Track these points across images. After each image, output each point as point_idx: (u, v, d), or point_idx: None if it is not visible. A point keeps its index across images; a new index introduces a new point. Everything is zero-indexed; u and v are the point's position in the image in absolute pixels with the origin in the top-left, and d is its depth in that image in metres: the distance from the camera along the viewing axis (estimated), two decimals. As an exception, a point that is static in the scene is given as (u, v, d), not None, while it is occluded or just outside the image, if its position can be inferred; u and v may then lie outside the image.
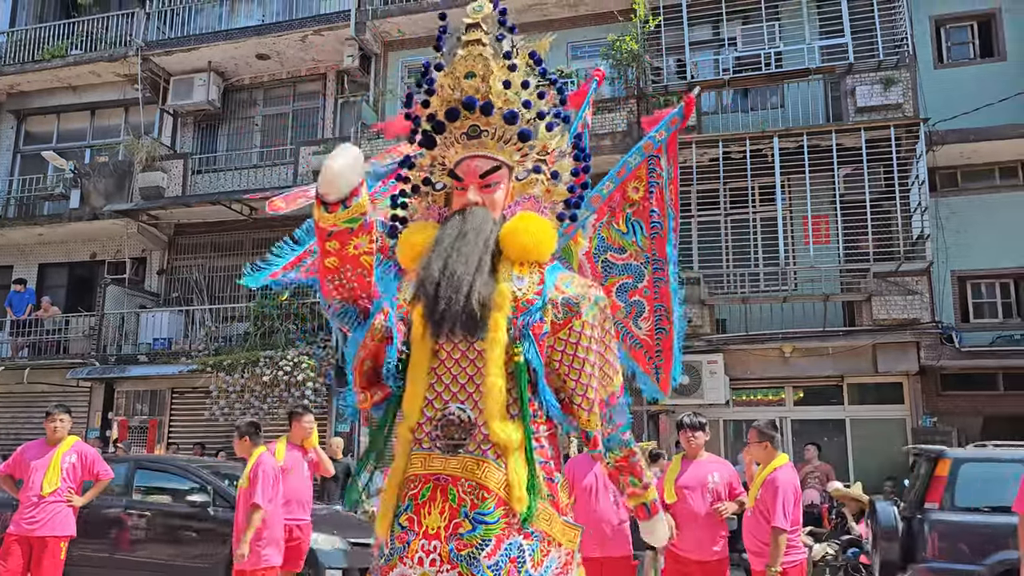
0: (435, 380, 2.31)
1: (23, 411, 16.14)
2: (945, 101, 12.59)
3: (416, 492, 2.26)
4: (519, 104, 2.47)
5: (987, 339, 12.29)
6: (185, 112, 17.26)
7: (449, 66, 2.49)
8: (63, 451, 6.36)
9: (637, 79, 13.63)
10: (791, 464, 5.23)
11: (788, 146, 12.41)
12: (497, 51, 2.48)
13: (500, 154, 2.47)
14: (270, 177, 16.21)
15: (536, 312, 2.32)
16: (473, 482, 2.22)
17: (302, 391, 13.62)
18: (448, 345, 2.30)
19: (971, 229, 12.64)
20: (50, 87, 18.16)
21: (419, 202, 2.61)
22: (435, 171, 2.55)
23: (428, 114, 2.53)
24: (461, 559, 2.16)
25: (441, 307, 2.21)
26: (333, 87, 16.71)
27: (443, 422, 2.26)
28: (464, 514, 2.20)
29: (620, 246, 3.01)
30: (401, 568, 2.22)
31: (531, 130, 2.48)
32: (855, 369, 12.46)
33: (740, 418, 12.95)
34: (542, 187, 2.54)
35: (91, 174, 16.71)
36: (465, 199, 2.42)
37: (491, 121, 2.44)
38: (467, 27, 2.49)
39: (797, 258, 12.61)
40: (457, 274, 2.23)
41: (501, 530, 2.20)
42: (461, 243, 2.29)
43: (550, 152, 2.55)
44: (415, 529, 2.23)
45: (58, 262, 17.90)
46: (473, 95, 2.43)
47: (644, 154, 2.99)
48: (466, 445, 2.25)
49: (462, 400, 2.28)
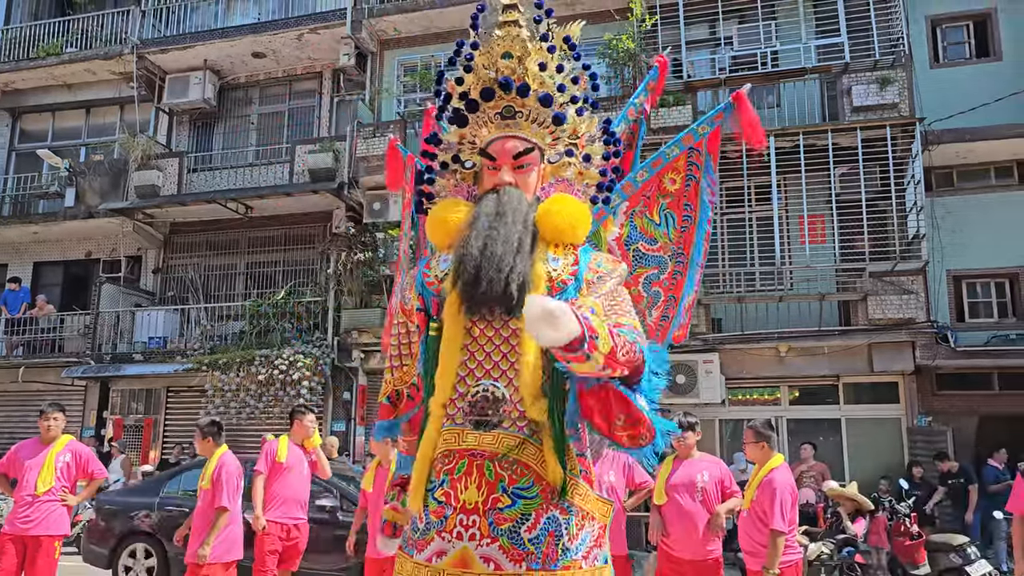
0: (467, 357, 2.31)
1: (18, 410, 16.11)
2: (941, 101, 12.60)
3: (452, 467, 2.26)
4: (554, 87, 2.48)
5: (982, 339, 12.31)
6: (181, 110, 17.23)
7: (486, 45, 2.49)
8: (57, 450, 6.33)
9: (634, 78, 13.62)
10: (787, 464, 5.22)
11: (784, 145, 12.41)
12: (534, 33, 2.49)
13: (534, 136, 2.48)
14: (266, 176, 16.19)
15: (571, 292, 2.33)
16: (510, 458, 2.23)
17: (298, 390, 13.61)
18: (482, 323, 2.31)
19: (967, 229, 12.66)
20: (45, 85, 18.11)
21: (447, 179, 2.60)
22: (464, 149, 2.55)
23: (461, 92, 2.52)
24: (502, 533, 2.18)
25: (482, 287, 2.21)
26: (329, 85, 16.69)
27: (477, 398, 2.26)
28: (502, 489, 2.21)
29: (652, 236, 3.01)
30: (439, 542, 2.23)
31: (564, 113, 2.49)
32: (851, 368, 12.47)
33: (736, 417, 12.97)
34: (575, 170, 2.55)
35: (86, 172, 16.67)
36: (498, 179, 2.42)
37: (526, 103, 2.46)
38: (504, 8, 2.51)
39: (793, 257, 12.62)
40: (498, 255, 2.24)
41: (540, 505, 2.22)
42: (500, 223, 2.29)
43: (580, 136, 2.55)
44: (452, 504, 2.24)
45: (53, 260, 17.86)
46: (510, 76, 2.44)
47: (684, 146, 2.96)
48: (501, 422, 2.26)
49: (495, 377, 2.28)
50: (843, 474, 11.97)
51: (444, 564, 2.21)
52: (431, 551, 2.25)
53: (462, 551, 2.20)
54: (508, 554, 2.17)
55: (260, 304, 14.81)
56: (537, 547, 2.19)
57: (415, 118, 14.70)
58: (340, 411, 14.05)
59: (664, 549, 5.31)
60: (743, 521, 5.15)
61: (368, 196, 14.64)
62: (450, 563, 2.20)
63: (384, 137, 14.52)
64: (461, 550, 2.20)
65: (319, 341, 14.34)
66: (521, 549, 2.18)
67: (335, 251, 14.52)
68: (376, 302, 14.38)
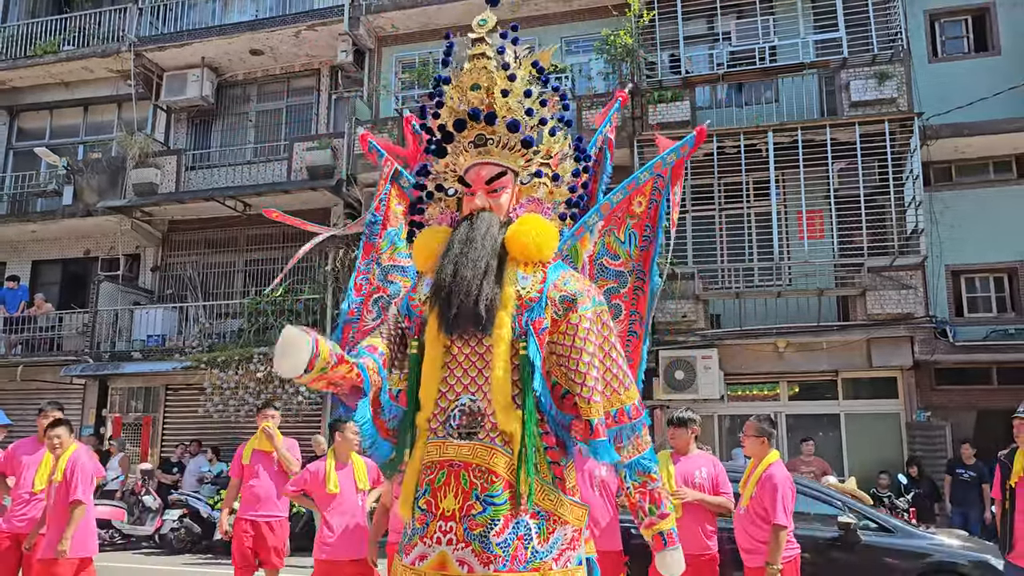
0: (447, 374, 2.50)
1: (17, 408, 16.01)
2: (939, 95, 12.59)
3: (433, 477, 2.44)
4: (522, 113, 2.62)
5: (981, 333, 12.31)
6: (178, 108, 17.21)
7: (456, 78, 2.65)
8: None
9: (632, 74, 13.60)
10: (781, 461, 5.21)
11: (782, 141, 12.41)
12: (500, 62, 2.63)
13: (505, 160, 2.64)
14: (264, 173, 16.17)
15: (537, 309, 2.48)
16: (483, 467, 2.39)
17: (296, 387, 13.59)
18: (459, 342, 2.49)
19: (965, 223, 12.66)
20: (42, 83, 18.09)
21: (434, 207, 2.79)
22: (447, 178, 2.73)
23: (438, 125, 2.69)
24: (474, 538, 2.34)
25: (453, 310, 2.41)
26: (327, 82, 16.68)
27: (457, 411, 2.45)
28: (475, 496, 2.38)
29: (616, 253, 3.18)
30: (422, 547, 2.41)
31: (534, 136, 2.64)
32: (849, 364, 12.47)
33: (734, 413, 12.97)
34: (545, 189, 2.70)
35: (84, 170, 16.67)
36: (473, 203, 2.60)
37: (496, 130, 2.61)
38: (473, 41, 2.64)
39: (791, 253, 12.61)
40: (467, 279, 2.42)
41: (509, 511, 2.37)
42: (469, 249, 2.47)
43: (553, 156, 2.71)
44: (432, 511, 2.42)
45: (52, 259, 17.85)
46: (478, 106, 2.60)
47: (653, 172, 3.14)
48: (476, 433, 2.43)
49: (472, 392, 2.47)
50: (842, 469, 11.97)
51: (425, 567, 2.39)
52: (415, 555, 2.43)
53: (440, 555, 2.37)
54: (479, 557, 2.33)
55: (259, 302, 14.80)
56: (505, 550, 2.34)
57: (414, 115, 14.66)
58: (339, 408, 14.04)
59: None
60: (741, 519, 5.11)
61: (366, 193, 14.63)
62: (430, 566, 2.38)
63: (382, 134, 14.51)
64: (440, 554, 2.37)
65: (318, 339, 14.32)
66: (490, 552, 2.33)
67: (333, 249, 14.50)
68: (375, 299, 14.36)
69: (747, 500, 5.02)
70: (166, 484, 13.42)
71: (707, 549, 5.20)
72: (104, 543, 12.29)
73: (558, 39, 14.85)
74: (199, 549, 12.00)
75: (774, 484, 4.86)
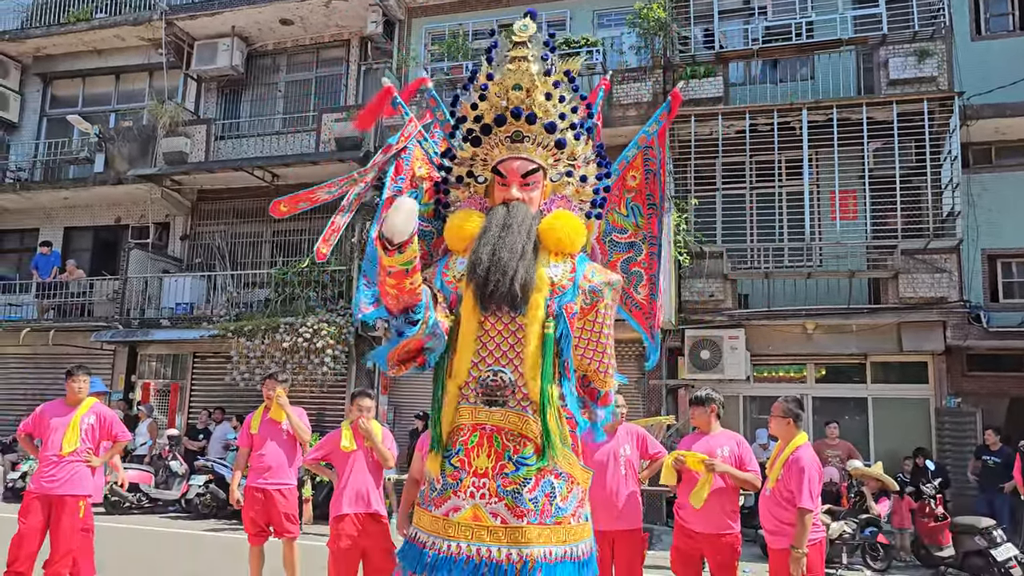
0: (480, 347, 2.78)
1: (49, 373, 16.38)
2: (981, 75, 12.25)
3: (466, 439, 2.75)
4: (557, 116, 2.94)
5: (1016, 319, 12.05)
6: (209, 77, 17.24)
7: (498, 77, 2.94)
8: (82, 412, 6.41)
9: (664, 48, 13.39)
10: (810, 443, 5.13)
11: (817, 119, 12.16)
12: (541, 68, 2.94)
13: (539, 157, 2.95)
14: (292, 144, 16.19)
15: (570, 295, 2.82)
16: (515, 431, 2.73)
17: (321, 358, 13.67)
18: (492, 318, 2.77)
19: (1003, 207, 12.36)
20: (75, 51, 18.22)
21: (461, 191, 3.07)
22: (476, 165, 3.02)
23: (475, 116, 2.98)
24: (507, 493, 2.68)
25: (490, 288, 2.69)
26: (356, 53, 16.60)
27: (488, 381, 2.73)
28: (508, 457, 2.71)
29: (622, 227, 3.44)
30: (455, 500, 2.72)
31: (565, 138, 2.97)
32: (879, 347, 12.28)
33: (760, 394, 12.85)
34: (572, 188, 3.04)
35: (115, 138, 16.77)
36: (507, 193, 2.90)
37: (533, 129, 2.92)
38: (514, 44, 2.95)
39: (823, 233, 12.41)
40: (504, 260, 2.70)
41: (538, 471, 2.72)
42: (506, 233, 2.75)
43: (577, 158, 3.03)
44: (466, 468, 2.73)
45: (83, 226, 18.06)
46: (520, 105, 2.90)
47: (640, 146, 3.40)
48: (507, 401, 2.74)
49: (503, 364, 2.76)
50: (868, 454, 11.84)
51: (459, 518, 2.70)
52: (447, 507, 2.73)
53: (473, 507, 2.69)
54: (512, 511, 2.67)
55: (285, 272, 14.87)
56: (535, 505, 2.69)
57: (443, 87, 14.56)
58: (363, 380, 14.10)
59: (680, 524, 5.27)
60: (766, 500, 5.05)
61: (394, 165, 14.58)
62: (464, 517, 2.69)
63: (411, 106, 14.43)
64: (473, 507, 2.69)
65: (343, 310, 14.38)
66: (522, 507, 2.68)
67: (360, 220, 14.49)
68: (400, 272, 14.36)
69: (773, 482, 4.96)
70: (192, 450, 13.61)
71: (730, 528, 5.17)
72: (132, 506, 12.56)
73: (590, 12, 14.65)
74: (224, 514, 12.16)
75: (801, 467, 4.80)
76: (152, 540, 10.23)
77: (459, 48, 14.26)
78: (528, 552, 2.63)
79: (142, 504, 12.73)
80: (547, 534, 2.68)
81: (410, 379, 14.11)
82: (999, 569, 8.76)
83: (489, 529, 2.65)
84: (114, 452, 6.81)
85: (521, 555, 2.63)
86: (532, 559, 2.63)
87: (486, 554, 2.63)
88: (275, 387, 6.71)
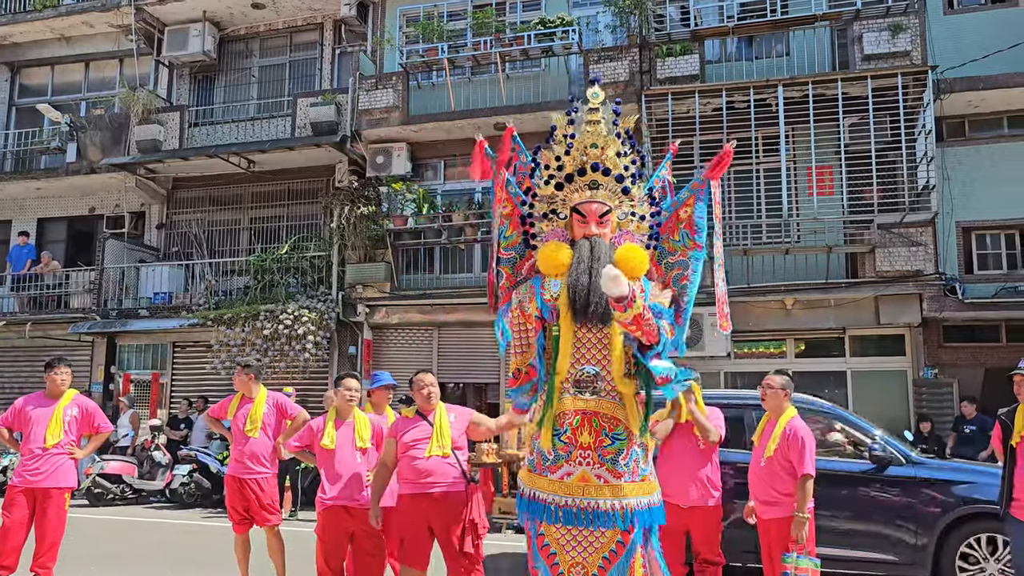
0: (575, 350, 3.58)
1: (27, 366, 16.22)
2: (955, 48, 12.34)
3: (571, 420, 3.55)
4: (623, 168, 3.71)
5: (990, 291, 12.22)
6: (181, 64, 17.01)
7: (579, 136, 3.72)
8: (64, 404, 6.37)
9: (640, 27, 13.36)
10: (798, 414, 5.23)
11: (793, 95, 12.21)
12: (611, 130, 3.74)
13: (610, 201, 3.70)
14: (268, 129, 16.03)
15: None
16: (608, 415, 3.54)
17: (303, 344, 13.64)
18: (583, 328, 3.56)
19: (977, 180, 12.50)
20: (43, 38, 17.91)
21: (545, 225, 3.82)
22: (558, 205, 3.78)
23: (558, 165, 3.74)
24: (606, 461, 3.52)
25: (591, 308, 3.45)
26: (331, 37, 16.44)
27: (582, 376, 3.55)
28: (605, 434, 3.53)
29: (673, 250, 4.05)
30: (568, 467, 3.54)
31: (629, 187, 3.72)
32: (857, 321, 12.43)
33: (741, 370, 12.97)
34: (634, 225, 3.79)
35: (87, 127, 16.54)
36: (587, 229, 3.64)
37: (606, 179, 3.70)
38: (590, 110, 3.73)
39: (800, 209, 12.48)
40: (600, 287, 3.32)
41: (627, 443, 3.55)
42: (598, 264, 3.45)
43: (634, 200, 3.78)
44: (573, 444, 3.54)
45: (57, 216, 17.83)
46: (597, 161, 3.68)
47: (692, 191, 4.01)
48: (599, 392, 3.54)
49: (593, 363, 3.57)
50: (848, 426, 11.98)
51: (572, 481, 3.53)
52: (561, 473, 3.55)
53: (582, 473, 3.52)
54: (611, 473, 3.52)
55: (264, 259, 14.78)
56: (628, 468, 3.55)
57: (417, 69, 14.48)
58: (346, 365, 14.08)
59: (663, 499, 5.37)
60: (761, 471, 5.09)
61: (371, 150, 14.50)
62: (576, 480, 3.52)
63: (386, 89, 14.34)
64: (581, 472, 3.52)
65: (323, 296, 14.34)
66: (619, 470, 3.53)
67: (338, 205, 14.43)
68: (380, 256, 14.34)
69: (771, 452, 5.01)
70: (175, 440, 13.54)
71: (710, 498, 5.33)
72: (116, 497, 12.51)
73: (565, -9, 14.57)
74: (209, 503, 12.16)
75: (800, 436, 4.96)
76: (139, 530, 10.19)
77: (434, 30, 14.14)
78: (626, 502, 3.50)
79: (126, 495, 12.69)
80: (636, 489, 3.54)
81: (393, 364, 14.11)
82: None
83: (596, 487, 3.49)
84: (97, 444, 6.77)
85: (621, 504, 3.49)
86: (629, 507, 3.50)
87: (595, 506, 3.47)
88: (244, 377, 6.61)
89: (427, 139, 14.55)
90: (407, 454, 5.09)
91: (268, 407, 6.60)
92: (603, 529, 3.48)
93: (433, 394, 5.21)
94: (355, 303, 14.26)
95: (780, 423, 5.06)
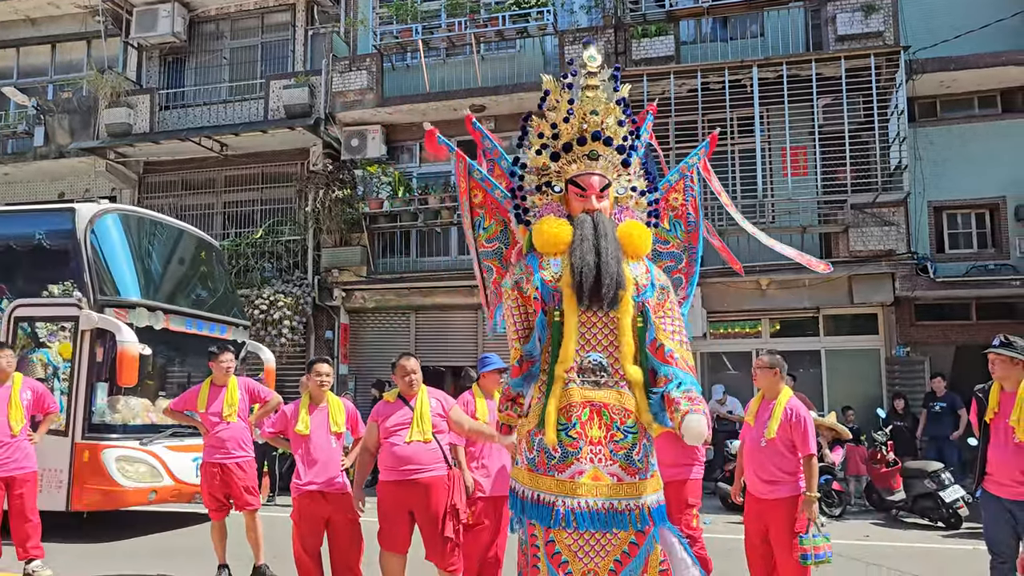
0: (580, 336, 3.33)
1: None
2: (927, 28, 12.43)
3: (579, 413, 3.29)
4: (622, 139, 3.49)
5: (961, 270, 12.39)
6: (150, 46, 16.71)
7: (578, 102, 3.47)
8: (17, 388, 6.34)
9: (615, 7, 13.31)
10: None
11: (767, 76, 12.24)
12: (611, 96, 3.51)
13: (609, 174, 3.48)
14: (240, 112, 15.83)
15: (649, 292, 3.40)
16: (620, 406, 3.32)
17: (279, 329, 13.55)
18: (589, 312, 3.33)
19: (948, 160, 12.63)
20: (7, 19, 17.51)
21: (539, 199, 3.56)
22: (553, 177, 3.52)
23: (553, 134, 3.49)
24: (619, 457, 3.30)
25: (601, 290, 3.23)
26: (303, 18, 16.21)
27: (589, 365, 3.31)
28: (616, 427, 3.30)
29: (665, 239, 3.95)
30: (577, 465, 3.28)
31: (630, 159, 3.51)
32: (831, 300, 12.55)
33: (716, 351, 13.08)
34: (633, 201, 3.59)
35: (55, 110, 16.25)
36: (587, 203, 3.41)
37: (607, 150, 3.46)
38: (588, 74, 3.48)
39: (775, 190, 12.56)
40: (612, 268, 3.25)
41: (638, 436, 3.34)
42: (605, 242, 3.27)
43: (632, 174, 3.57)
44: (583, 438, 3.28)
45: (25, 202, 17.46)
46: (598, 129, 3.42)
47: (681, 174, 3.94)
48: (607, 381, 3.32)
49: (599, 351, 3.35)
50: (822, 404, 12.15)
51: (584, 479, 3.26)
52: (571, 472, 3.28)
53: (593, 471, 3.27)
54: (626, 470, 3.30)
55: (239, 243, 14.63)
56: (641, 463, 3.33)
57: (391, 51, 14.35)
58: (323, 350, 14.02)
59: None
60: (762, 451, 4.99)
61: (345, 132, 14.38)
62: (587, 479, 3.26)
63: (360, 71, 14.20)
64: (593, 470, 3.27)
65: (299, 280, 14.24)
66: (633, 466, 3.31)
67: (313, 189, 14.30)
68: (355, 240, 14.24)
69: (773, 434, 4.96)
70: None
71: (680, 473, 5.46)
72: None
73: (540, -29, 14.45)
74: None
75: (800, 416, 4.96)
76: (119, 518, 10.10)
77: (408, 11, 14.00)
78: (642, 501, 3.29)
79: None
80: (650, 485, 3.36)
81: (370, 348, 14.06)
82: (947, 510, 9.12)
83: (609, 486, 3.27)
84: (48, 424, 6.76)
85: (637, 504, 3.28)
86: (646, 506, 3.30)
87: (609, 506, 3.24)
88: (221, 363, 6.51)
89: (402, 121, 14.44)
90: (388, 440, 5.05)
91: (241, 392, 6.55)
92: (617, 531, 3.25)
93: (415, 380, 5.13)
94: (331, 287, 14.18)
95: (779, 403, 5.03)
